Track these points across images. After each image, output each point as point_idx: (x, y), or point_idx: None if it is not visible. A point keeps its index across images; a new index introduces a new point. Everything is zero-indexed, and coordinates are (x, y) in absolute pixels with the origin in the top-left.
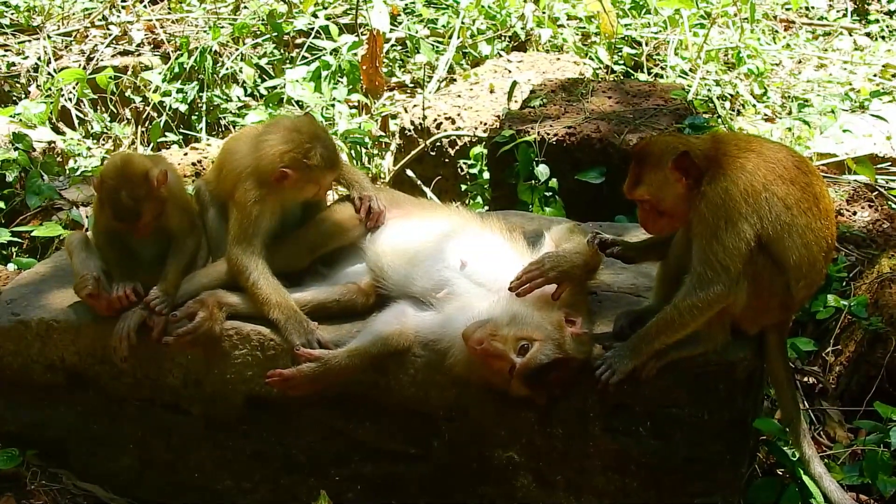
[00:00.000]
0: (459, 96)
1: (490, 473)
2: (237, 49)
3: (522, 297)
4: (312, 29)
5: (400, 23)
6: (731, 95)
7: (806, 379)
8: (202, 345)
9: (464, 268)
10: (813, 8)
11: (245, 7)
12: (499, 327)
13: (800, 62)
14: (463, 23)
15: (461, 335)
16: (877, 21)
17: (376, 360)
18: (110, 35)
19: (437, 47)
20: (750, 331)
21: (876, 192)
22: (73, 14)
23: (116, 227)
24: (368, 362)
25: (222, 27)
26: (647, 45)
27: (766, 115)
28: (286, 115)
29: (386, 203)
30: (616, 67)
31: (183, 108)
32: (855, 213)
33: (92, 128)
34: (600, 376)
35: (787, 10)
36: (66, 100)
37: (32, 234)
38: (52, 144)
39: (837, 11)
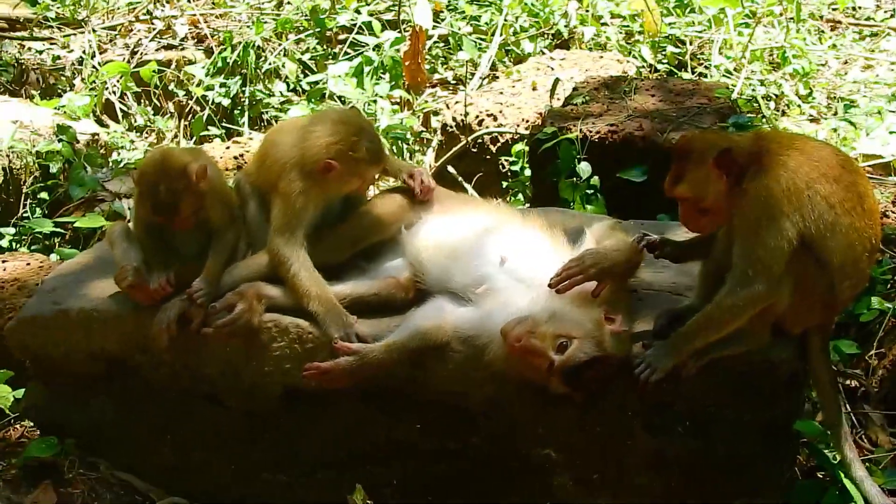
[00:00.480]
0: (502, 93)
1: (528, 471)
2: (280, 44)
3: (562, 293)
4: (355, 25)
5: (443, 19)
6: (776, 95)
7: (848, 382)
8: (241, 336)
9: (504, 264)
10: (860, 8)
11: (288, 3)
12: (538, 324)
13: (846, 62)
14: (506, 20)
15: (500, 331)
16: None
17: (414, 355)
18: (154, 29)
19: (480, 44)
20: (793, 331)
21: None
22: (118, 8)
23: (156, 221)
24: (406, 357)
25: (265, 22)
26: (691, 43)
27: (811, 115)
28: (331, 107)
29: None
30: (660, 66)
31: (226, 102)
32: None
33: (135, 121)
34: (640, 375)
35: (834, 9)
36: (110, 93)
37: (75, 224)
38: (96, 137)
39: (885, 12)
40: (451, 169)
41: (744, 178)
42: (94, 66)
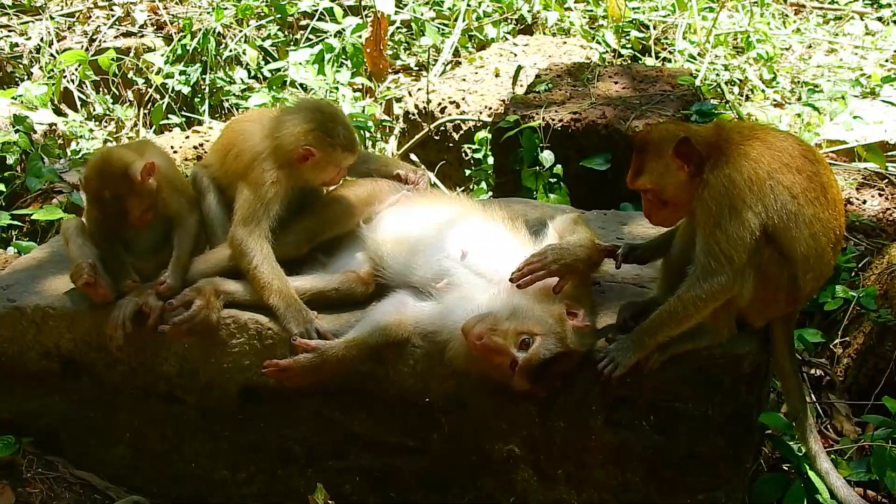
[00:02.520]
0: (464, 80)
1: (489, 466)
2: (241, 31)
3: (523, 288)
4: (316, 11)
5: (405, 5)
6: (740, 80)
7: (813, 371)
8: (198, 333)
9: (464, 258)
10: None
11: None
12: (499, 321)
13: (810, 47)
14: (469, 5)
15: (461, 329)
16: (889, 5)
17: (374, 351)
18: (113, 16)
19: (443, 30)
20: (756, 324)
21: (886, 181)
22: None
23: (109, 222)
24: (366, 353)
25: (226, 8)
26: (655, 28)
27: (775, 100)
28: (298, 97)
29: (388, 189)
30: (623, 51)
31: (186, 90)
32: (864, 202)
33: (94, 110)
34: (603, 369)
35: None
36: (68, 81)
37: (32, 217)
38: (54, 126)
39: None
40: (413, 157)
41: (704, 167)
42: (51, 54)
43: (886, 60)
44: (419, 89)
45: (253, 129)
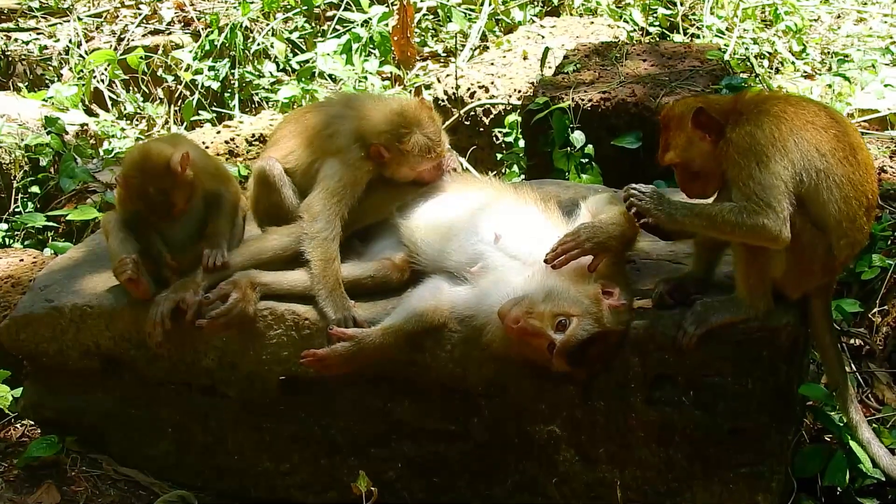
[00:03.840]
0: (493, 64)
1: (531, 449)
2: (268, 24)
3: (558, 269)
4: (343, 1)
5: None
6: (770, 53)
7: (852, 341)
8: (236, 326)
9: (498, 241)
10: None
11: None
12: (535, 304)
13: (839, 17)
14: None
15: (497, 314)
16: None
17: (411, 337)
18: (140, 14)
19: (469, 15)
20: (793, 296)
21: None
22: None
23: (150, 218)
24: (403, 340)
25: (252, 2)
26: (682, 4)
27: (805, 72)
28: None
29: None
30: (651, 29)
31: (215, 85)
32: None
33: (125, 109)
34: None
35: None
36: (98, 81)
37: (67, 217)
38: (85, 127)
39: None
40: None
41: (724, 132)
42: (80, 55)
43: None
44: (448, 75)
45: (347, 115)
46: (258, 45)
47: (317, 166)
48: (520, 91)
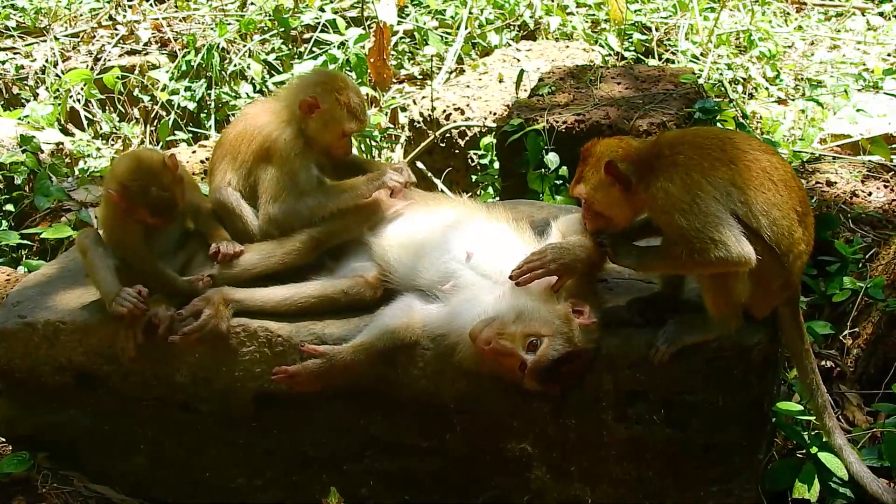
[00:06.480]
0: (468, 87)
1: (505, 465)
2: (244, 45)
3: (523, 286)
4: (319, 23)
5: (407, 14)
6: (744, 79)
7: (823, 363)
8: (209, 343)
9: (469, 259)
10: None
11: (252, 3)
12: (506, 325)
13: (812, 43)
14: (471, 13)
15: (468, 335)
16: (890, 0)
17: (383, 355)
18: (117, 35)
19: (446, 38)
20: (759, 316)
21: (891, 173)
22: (80, 15)
23: (150, 226)
24: (375, 357)
25: (229, 24)
26: (657, 30)
27: (778, 97)
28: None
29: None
30: (626, 54)
31: (191, 106)
32: (870, 194)
33: (101, 128)
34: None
35: None
36: (74, 101)
37: (42, 235)
38: (61, 146)
39: None
40: (420, 164)
41: (636, 186)
42: (57, 75)
43: (888, 54)
44: (424, 97)
45: (256, 112)
46: (235, 66)
47: (253, 177)
48: (495, 113)
